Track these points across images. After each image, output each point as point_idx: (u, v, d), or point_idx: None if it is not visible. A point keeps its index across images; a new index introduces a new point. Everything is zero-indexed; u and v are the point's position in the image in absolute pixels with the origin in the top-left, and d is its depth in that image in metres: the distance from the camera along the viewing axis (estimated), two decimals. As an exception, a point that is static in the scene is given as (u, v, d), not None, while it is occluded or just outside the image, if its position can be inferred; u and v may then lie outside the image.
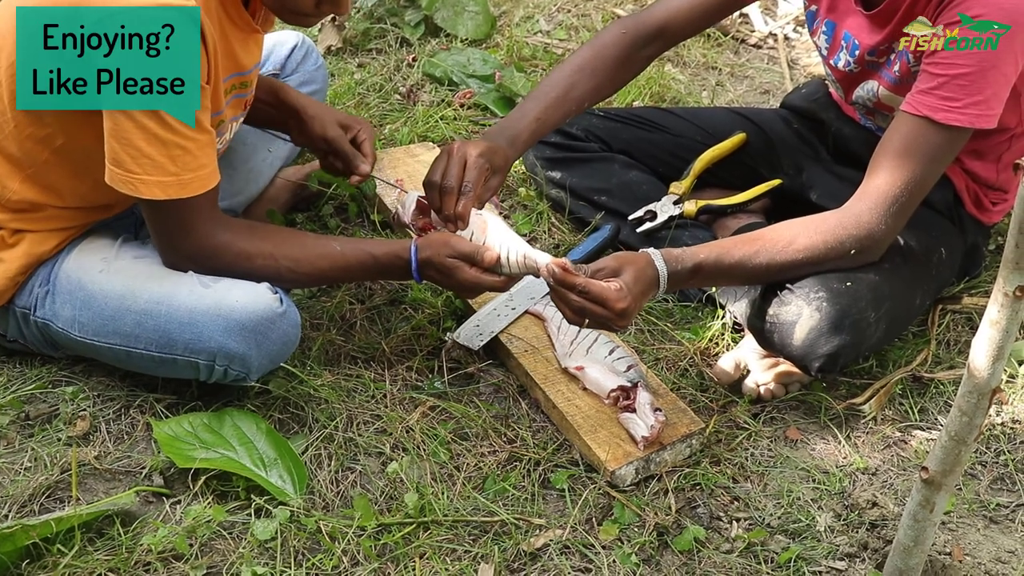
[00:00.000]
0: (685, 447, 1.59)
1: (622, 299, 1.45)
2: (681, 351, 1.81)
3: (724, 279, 1.64)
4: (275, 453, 1.49)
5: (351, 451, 1.56)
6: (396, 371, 1.71)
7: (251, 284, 1.48)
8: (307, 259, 1.52)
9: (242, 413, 1.54)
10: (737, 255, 1.57)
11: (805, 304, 1.59)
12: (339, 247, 1.55)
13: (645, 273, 1.50)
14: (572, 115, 1.81)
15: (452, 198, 1.58)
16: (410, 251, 1.54)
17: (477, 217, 1.59)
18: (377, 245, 1.57)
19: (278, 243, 1.52)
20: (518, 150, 1.71)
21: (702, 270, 1.55)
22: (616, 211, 2.05)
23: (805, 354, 1.60)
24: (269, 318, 1.47)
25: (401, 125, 2.41)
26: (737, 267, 1.57)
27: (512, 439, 1.61)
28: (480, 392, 1.70)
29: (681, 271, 1.54)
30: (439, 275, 1.55)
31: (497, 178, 1.65)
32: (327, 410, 1.61)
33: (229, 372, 1.49)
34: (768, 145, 2.07)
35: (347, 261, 1.54)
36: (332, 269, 1.54)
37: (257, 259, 1.49)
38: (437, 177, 1.59)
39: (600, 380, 1.64)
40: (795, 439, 1.67)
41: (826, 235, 1.58)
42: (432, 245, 1.54)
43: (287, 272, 1.51)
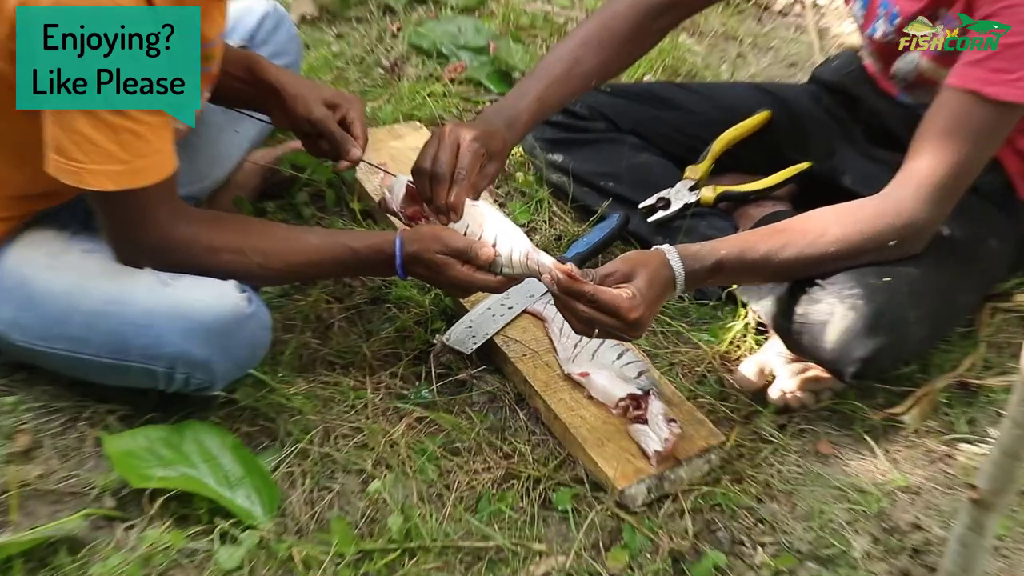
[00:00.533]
0: (703, 463, 1.59)
1: (635, 308, 1.44)
2: (698, 355, 1.80)
3: (748, 276, 1.63)
4: (242, 471, 1.48)
5: (328, 468, 1.55)
6: (379, 378, 1.71)
7: (216, 282, 1.47)
8: (279, 253, 1.52)
9: (205, 426, 1.53)
10: (762, 249, 1.56)
11: (838, 302, 1.58)
12: (315, 240, 1.54)
13: (660, 275, 1.49)
14: (578, 94, 1.80)
15: (444, 187, 1.57)
16: (394, 245, 1.54)
17: (473, 208, 1.58)
18: (357, 237, 1.57)
19: (247, 235, 1.51)
20: (517, 133, 1.71)
21: (723, 267, 1.54)
22: (625, 198, 2.05)
23: (838, 358, 1.59)
24: (236, 319, 1.47)
25: (384, 103, 2.40)
26: (762, 263, 1.56)
27: (509, 454, 1.60)
28: (473, 401, 1.69)
29: (700, 270, 1.53)
30: (427, 272, 1.55)
31: (494, 165, 1.65)
32: (301, 422, 1.60)
33: (191, 380, 1.48)
34: (795, 124, 2.07)
35: (323, 256, 1.54)
36: (307, 265, 1.54)
37: (223, 253, 1.48)
38: (427, 163, 1.58)
39: (607, 388, 1.63)
40: (827, 454, 1.67)
41: (862, 225, 1.57)
42: (420, 239, 1.53)
43: (257, 268, 1.51)
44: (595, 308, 1.45)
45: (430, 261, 1.52)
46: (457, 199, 1.56)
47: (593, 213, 2.09)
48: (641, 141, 2.12)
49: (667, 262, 1.51)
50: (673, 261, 1.51)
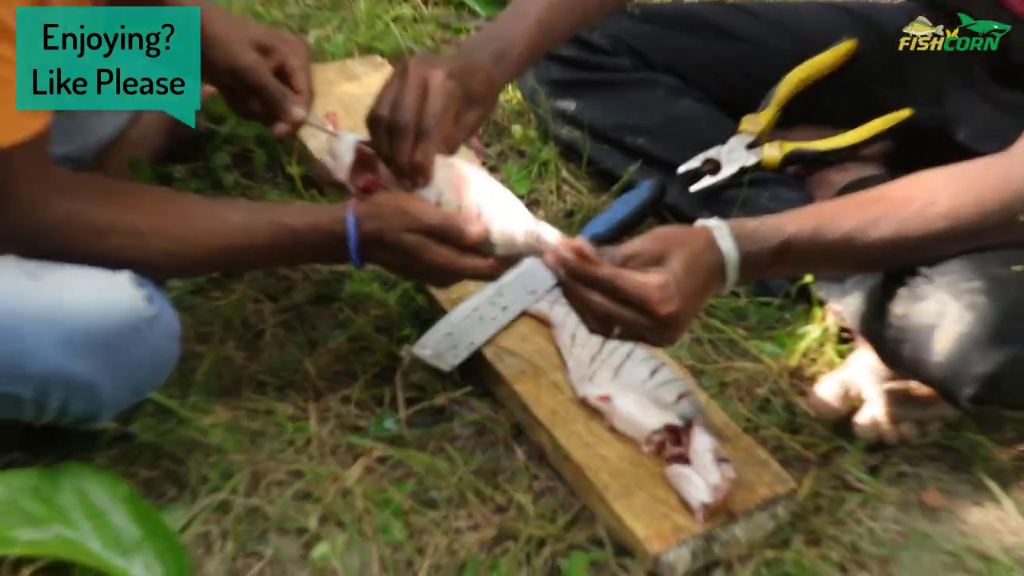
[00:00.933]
0: (767, 518, 1.58)
1: (668, 299, 1.43)
2: (760, 372, 1.81)
3: (825, 264, 1.63)
4: (140, 531, 1.48)
5: (257, 527, 1.55)
6: (326, 404, 1.71)
7: (104, 274, 1.47)
8: (191, 237, 1.53)
9: (89, 471, 1.53)
10: (845, 226, 1.55)
11: (951, 299, 1.56)
12: (239, 217, 1.55)
13: (703, 260, 1.49)
14: (595, 18, 1.81)
15: (407, 141, 1.58)
16: (346, 223, 1.55)
17: (447, 168, 1.60)
18: (296, 213, 1.58)
19: (146, 211, 1.52)
20: (509, 71, 1.72)
21: (791, 251, 1.53)
22: (659, 160, 2.06)
23: (951, 375, 1.58)
24: (131, 326, 1.46)
25: (334, 31, 2.40)
26: (845, 244, 1.55)
27: (503, 507, 1.60)
28: (454, 435, 1.70)
29: (759, 254, 1.52)
30: (393, 258, 1.56)
31: (475, 112, 1.67)
32: (220, 465, 1.60)
33: (69, 408, 1.48)
34: (891, 58, 2.08)
35: (251, 239, 1.55)
36: (228, 250, 1.55)
37: (114, 236, 1.48)
38: (384, 110, 1.60)
39: (636, 416, 1.63)
40: (937, 506, 1.67)
41: (983, 192, 1.56)
42: (381, 214, 1.55)
43: (160, 256, 1.51)
44: (614, 300, 1.44)
45: (396, 243, 1.54)
46: (424, 157, 1.57)
47: (616, 180, 2.09)
48: (681, 82, 2.13)
49: (713, 243, 1.50)
50: (722, 241, 1.50)
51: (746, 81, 2.12)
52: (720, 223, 1.52)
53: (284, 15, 2.43)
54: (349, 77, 2.24)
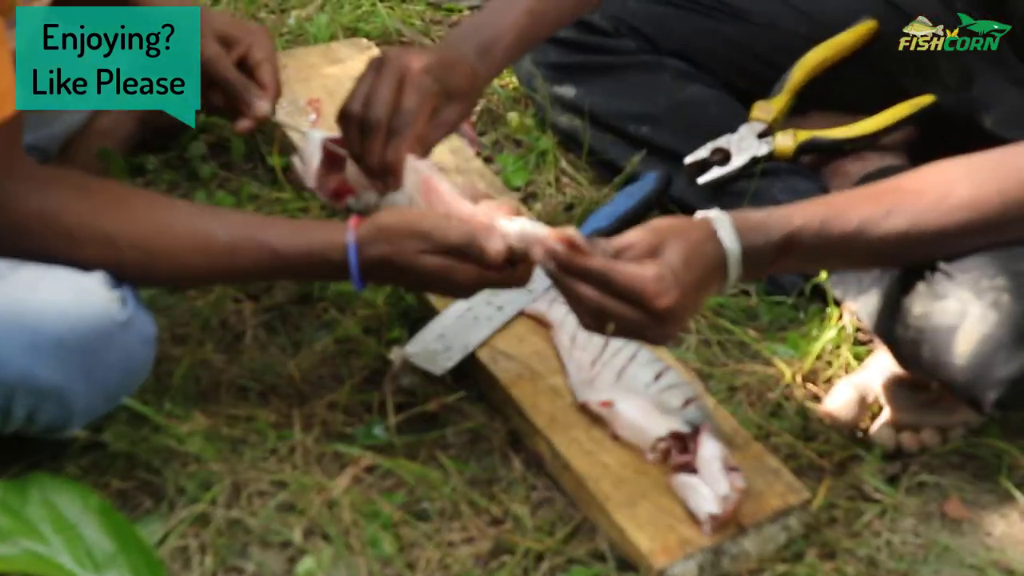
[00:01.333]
0: (779, 530, 1.59)
1: (664, 292, 1.44)
2: (772, 375, 1.81)
3: (835, 258, 1.63)
4: (113, 545, 1.48)
5: (238, 540, 1.55)
6: (311, 410, 1.71)
7: (75, 274, 1.47)
8: (168, 251, 1.53)
9: (59, 482, 1.53)
10: (856, 218, 1.55)
11: (973, 297, 1.57)
12: (223, 234, 1.54)
13: (702, 252, 1.49)
14: (588, 7, 1.84)
15: (378, 138, 1.59)
16: (345, 249, 1.53)
17: (413, 174, 1.61)
18: (287, 236, 1.55)
19: (123, 219, 1.51)
20: (495, 64, 1.73)
21: (798, 244, 1.53)
22: (665, 149, 2.06)
23: (974, 378, 1.59)
24: (103, 329, 1.47)
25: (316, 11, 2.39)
26: (856, 238, 1.55)
27: (499, 519, 1.60)
28: (447, 443, 1.70)
29: (763, 248, 1.52)
30: (405, 279, 1.57)
31: (454, 109, 1.68)
32: (199, 475, 1.60)
33: (37, 416, 1.48)
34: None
35: (235, 260, 1.54)
36: (208, 271, 1.55)
37: (87, 245, 1.49)
38: (356, 105, 1.61)
39: (640, 423, 1.63)
40: (959, 517, 1.67)
41: (1005, 182, 1.56)
42: (387, 236, 1.52)
43: (134, 267, 1.51)
44: (608, 293, 1.44)
45: (411, 267, 1.52)
46: (395, 156, 1.59)
47: (619, 171, 2.09)
48: (689, 66, 2.12)
49: (714, 235, 1.50)
50: (723, 234, 1.50)
51: (758, 65, 2.11)
52: (721, 214, 1.52)
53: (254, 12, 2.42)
54: (333, 61, 2.22)
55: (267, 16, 2.43)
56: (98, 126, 2.00)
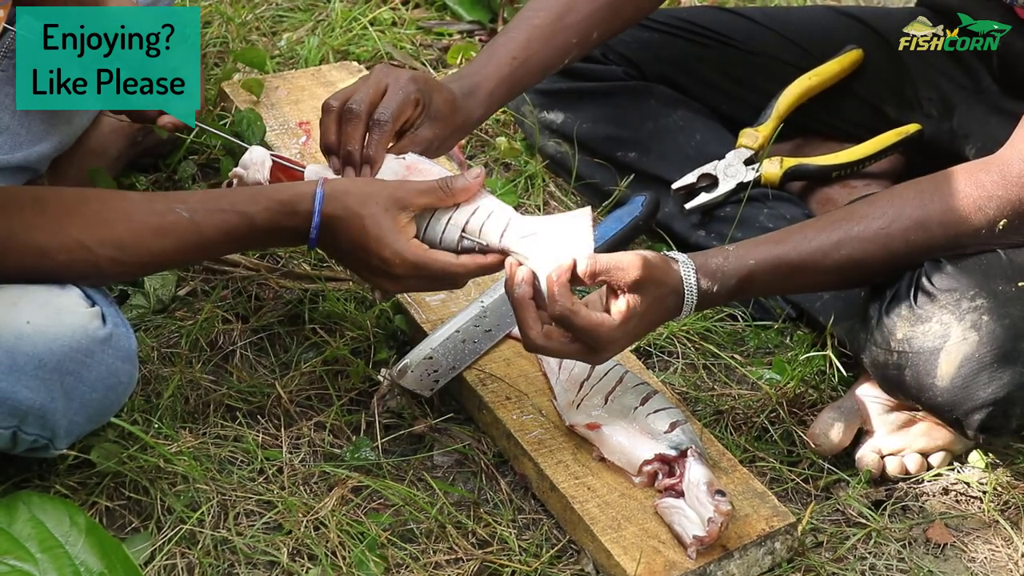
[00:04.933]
0: (764, 554, 1.59)
1: (614, 341, 1.52)
2: (758, 399, 1.81)
3: (788, 288, 1.69)
4: (101, 564, 1.47)
5: (225, 560, 1.55)
6: (298, 431, 1.71)
7: (52, 291, 1.48)
8: (138, 240, 1.52)
9: (46, 500, 1.52)
10: (807, 251, 1.59)
11: (954, 319, 1.59)
12: (186, 212, 1.54)
13: (664, 302, 1.55)
14: (574, 54, 1.84)
15: (357, 127, 1.61)
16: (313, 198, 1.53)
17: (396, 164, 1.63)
18: (248, 195, 1.57)
19: (88, 222, 1.51)
20: (480, 106, 1.76)
21: (754, 282, 1.58)
22: (652, 175, 2.07)
23: (957, 401, 1.60)
24: (83, 347, 1.47)
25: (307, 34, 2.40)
26: (810, 268, 1.59)
27: (485, 540, 1.60)
28: (434, 464, 1.70)
29: (719, 292, 1.57)
30: (353, 246, 1.54)
31: (432, 128, 1.69)
32: (186, 494, 1.60)
33: (20, 437, 1.47)
34: (898, 68, 2.08)
35: (202, 233, 1.54)
36: (179, 251, 1.55)
37: (58, 255, 1.48)
38: (337, 99, 1.64)
39: (627, 446, 1.64)
40: (943, 542, 1.67)
41: (949, 201, 1.59)
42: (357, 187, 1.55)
43: (109, 265, 1.51)
44: (565, 329, 1.50)
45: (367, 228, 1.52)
46: (375, 148, 1.61)
47: (607, 196, 2.10)
48: (676, 93, 2.12)
49: (677, 287, 1.56)
50: (687, 286, 1.56)
51: (744, 91, 2.12)
52: (687, 263, 1.56)
53: (255, 16, 2.42)
54: (323, 83, 2.22)
55: (258, 38, 2.43)
56: (88, 146, 2.00)
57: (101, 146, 2.01)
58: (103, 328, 1.48)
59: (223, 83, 2.20)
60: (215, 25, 2.41)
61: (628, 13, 1.86)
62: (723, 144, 2.07)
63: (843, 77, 2.10)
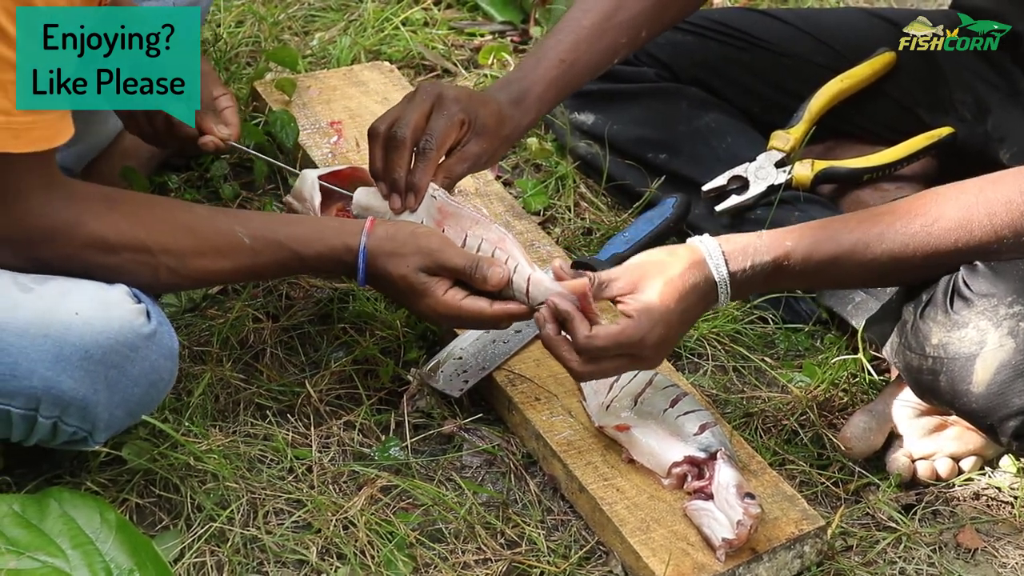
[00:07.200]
0: (793, 557, 1.59)
1: (644, 333, 1.50)
2: (788, 402, 1.81)
3: (827, 280, 1.66)
4: (131, 561, 1.47)
5: (254, 558, 1.55)
6: (328, 430, 1.71)
7: (99, 286, 1.48)
8: (199, 255, 1.55)
9: (78, 496, 1.52)
10: (847, 241, 1.57)
11: (991, 326, 1.57)
12: (246, 236, 1.57)
13: (687, 282, 1.53)
14: (621, 54, 1.84)
15: (402, 155, 1.63)
16: (358, 253, 1.57)
17: (430, 199, 1.65)
18: (303, 234, 1.60)
19: (153, 225, 1.53)
20: (528, 112, 1.76)
21: (789, 265, 1.56)
22: (683, 177, 2.07)
23: (992, 408, 1.59)
24: (129, 342, 1.47)
25: (339, 34, 2.40)
26: (846, 259, 1.58)
27: (514, 541, 1.60)
28: (463, 465, 1.70)
29: (752, 269, 1.55)
30: (395, 293, 1.61)
31: (480, 144, 1.70)
32: (216, 492, 1.60)
33: (60, 428, 1.48)
34: (932, 70, 2.08)
35: (258, 260, 1.58)
36: (232, 272, 1.59)
37: (122, 252, 1.50)
38: (384, 124, 1.65)
39: (656, 448, 1.64)
40: (973, 547, 1.67)
41: (994, 205, 1.57)
42: (398, 246, 1.57)
43: (166, 274, 1.53)
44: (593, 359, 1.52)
45: (404, 282, 1.57)
46: (420, 177, 1.62)
47: (637, 197, 2.09)
48: (707, 95, 2.13)
49: (701, 262, 1.53)
50: (710, 259, 1.54)
51: (776, 93, 2.12)
52: (709, 240, 1.56)
53: (287, 16, 2.43)
54: (355, 83, 2.23)
55: (291, 38, 2.43)
56: (122, 145, 2.01)
57: (134, 146, 2.01)
58: (148, 325, 1.49)
59: (255, 82, 2.20)
60: (248, 24, 2.42)
61: (674, 11, 1.86)
62: (754, 147, 2.07)
63: (875, 79, 2.09)
